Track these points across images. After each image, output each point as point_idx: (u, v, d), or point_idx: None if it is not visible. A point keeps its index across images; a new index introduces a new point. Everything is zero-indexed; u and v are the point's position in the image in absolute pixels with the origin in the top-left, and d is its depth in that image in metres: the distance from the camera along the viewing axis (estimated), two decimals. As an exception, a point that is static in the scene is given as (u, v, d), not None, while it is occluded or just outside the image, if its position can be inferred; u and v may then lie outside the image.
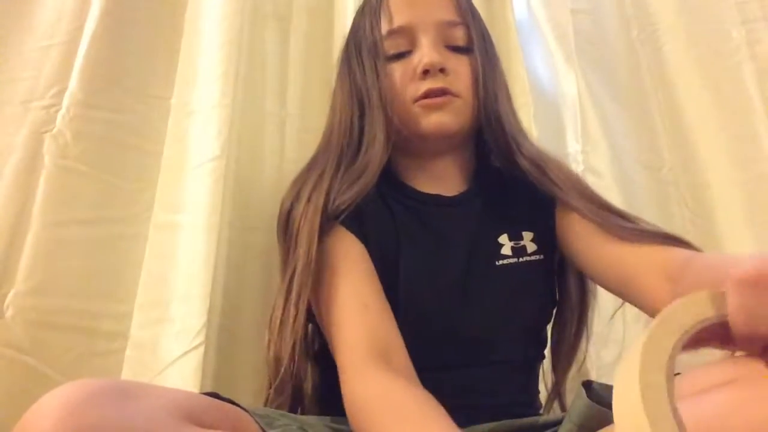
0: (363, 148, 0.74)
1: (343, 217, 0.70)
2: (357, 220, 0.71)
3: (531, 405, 0.73)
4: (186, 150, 0.88)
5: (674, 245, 0.65)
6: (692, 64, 1.06)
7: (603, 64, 1.06)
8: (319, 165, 0.76)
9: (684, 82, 1.06)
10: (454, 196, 0.76)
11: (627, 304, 0.75)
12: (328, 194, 0.71)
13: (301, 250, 0.68)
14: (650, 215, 0.99)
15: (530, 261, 0.72)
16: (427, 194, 0.76)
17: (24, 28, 0.92)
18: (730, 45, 1.01)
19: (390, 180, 0.77)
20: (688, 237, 1.00)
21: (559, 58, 1.06)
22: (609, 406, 0.52)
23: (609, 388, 0.56)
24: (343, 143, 0.76)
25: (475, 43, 0.77)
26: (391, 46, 0.76)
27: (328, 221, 0.70)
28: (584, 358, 0.87)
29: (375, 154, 0.72)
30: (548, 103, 1.04)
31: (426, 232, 0.73)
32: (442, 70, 0.73)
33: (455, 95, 0.74)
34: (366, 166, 0.72)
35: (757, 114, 0.97)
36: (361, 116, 0.76)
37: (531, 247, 0.73)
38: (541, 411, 0.76)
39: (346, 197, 0.70)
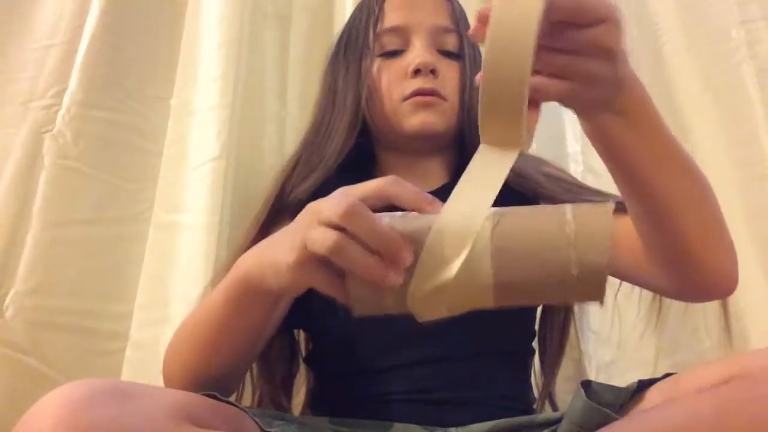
0: (323, 143, 0.76)
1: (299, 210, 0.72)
2: None
3: (525, 400, 0.73)
4: (186, 150, 0.89)
5: None
6: (692, 64, 1.06)
7: (603, 64, 1.06)
8: (288, 162, 0.80)
9: (684, 82, 1.05)
10: (436, 189, 0.76)
11: (622, 302, 0.75)
12: (284, 185, 0.75)
13: (244, 231, 0.74)
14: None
15: None
16: None
17: (24, 28, 0.92)
18: (730, 45, 1.01)
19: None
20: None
21: (559, 58, 1.05)
22: (608, 406, 0.53)
23: (608, 388, 0.56)
24: (310, 139, 0.79)
25: (465, 50, 0.78)
26: (382, 45, 0.77)
27: (280, 210, 0.73)
28: (581, 358, 0.87)
29: (333, 148, 0.75)
30: (548, 103, 1.03)
31: None
32: (432, 72, 0.74)
33: (443, 98, 0.74)
34: (321, 160, 0.75)
35: (757, 114, 0.97)
36: (331, 113, 0.78)
37: None
38: (535, 406, 0.76)
39: (300, 188, 0.73)
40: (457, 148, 0.82)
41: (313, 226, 0.43)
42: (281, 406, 0.74)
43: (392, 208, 0.45)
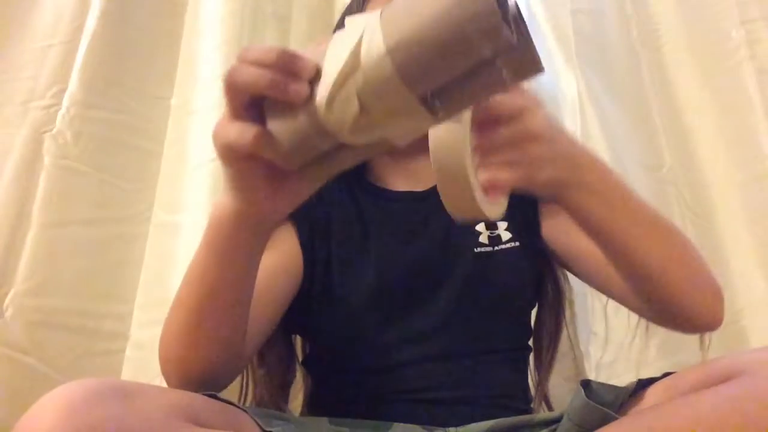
0: None
1: (297, 211, 0.71)
2: (315, 220, 0.71)
3: (524, 398, 0.73)
4: (186, 150, 0.89)
5: None
6: (692, 64, 1.06)
7: (603, 64, 1.06)
8: None
9: (684, 82, 1.06)
10: (426, 190, 0.76)
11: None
12: None
13: None
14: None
15: (506, 249, 0.73)
16: (399, 192, 0.76)
17: (24, 28, 0.92)
18: (730, 45, 1.01)
19: (362, 183, 0.78)
20: (688, 237, 1.02)
21: (559, 59, 1.05)
22: (608, 405, 0.53)
23: (608, 388, 0.56)
24: None
25: None
26: None
27: None
28: (581, 358, 0.87)
29: None
30: (548, 103, 1.03)
31: (396, 225, 0.74)
32: None
33: None
34: None
35: (757, 114, 0.97)
36: None
37: (505, 235, 0.74)
38: (532, 405, 0.76)
39: None
40: None
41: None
42: (280, 409, 0.74)
43: None
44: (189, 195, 0.86)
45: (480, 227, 0.73)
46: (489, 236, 0.73)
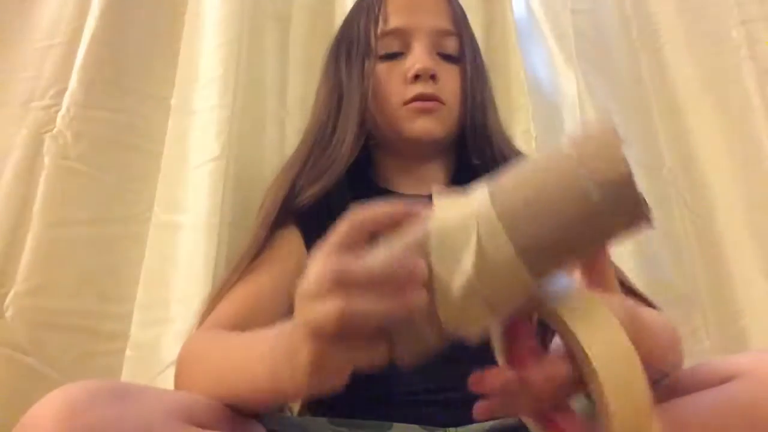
0: (332, 146, 0.75)
1: (305, 216, 0.71)
2: (322, 225, 0.71)
3: None
4: (186, 150, 0.89)
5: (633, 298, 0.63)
6: (692, 64, 1.06)
7: (603, 64, 1.06)
8: (290, 161, 0.78)
9: (684, 82, 1.06)
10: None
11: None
12: (292, 187, 0.73)
13: (252, 233, 0.72)
14: (650, 215, 0.99)
15: None
16: (406, 195, 0.76)
17: (24, 28, 0.92)
18: (730, 45, 1.01)
19: (370, 185, 0.78)
20: (687, 237, 1.02)
21: (559, 59, 1.06)
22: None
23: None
24: (317, 139, 0.77)
25: (465, 54, 0.78)
26: (383, 47, 0.76)
27: (286, 214, 0.72)
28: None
29: (343, 152, 0.74)
30: (548, 103, 1.04)
31: None
32: (432, 77, 0.74)
33: (443, 102, 0.74)
34: (332, 163, 0.74)
35: (757, 114, 0.97)
36: (337, 114, 0.77)
37: None
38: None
39: (309, 193, 0.72)
40: (456, 152, 0.82)
41: (309, 310, 0.38)
42: (279, 408, 0.74)
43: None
44: (189, 195, 0.85)
45: None
46: None
